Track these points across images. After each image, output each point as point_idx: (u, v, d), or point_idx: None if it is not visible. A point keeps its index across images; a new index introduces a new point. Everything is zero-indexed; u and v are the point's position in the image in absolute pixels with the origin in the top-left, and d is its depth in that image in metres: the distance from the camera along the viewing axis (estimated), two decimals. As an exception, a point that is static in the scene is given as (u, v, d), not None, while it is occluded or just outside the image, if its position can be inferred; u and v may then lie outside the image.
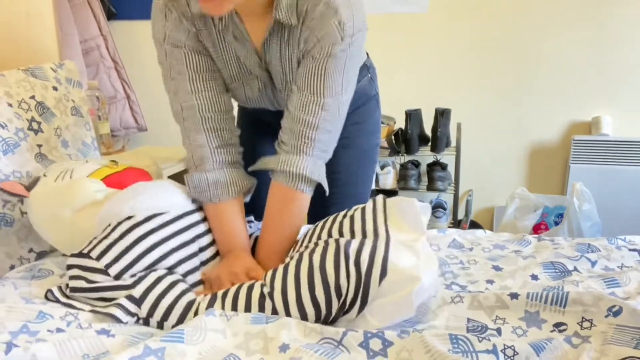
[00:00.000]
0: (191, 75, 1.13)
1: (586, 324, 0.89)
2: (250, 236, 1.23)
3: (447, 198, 2.73)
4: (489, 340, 0.81)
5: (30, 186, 1.18)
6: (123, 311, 0.94)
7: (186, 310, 0.96)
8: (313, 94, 1.09)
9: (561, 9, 2.46)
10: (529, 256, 1.18)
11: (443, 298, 0.99)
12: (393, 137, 2.53)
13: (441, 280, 1.10)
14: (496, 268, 1.14)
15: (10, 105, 1.30)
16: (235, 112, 1.25)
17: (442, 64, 2.65)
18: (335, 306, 0.93)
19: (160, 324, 0.96)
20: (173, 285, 1.00)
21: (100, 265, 0.99)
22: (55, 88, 1.44)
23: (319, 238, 1.05)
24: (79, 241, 1.07)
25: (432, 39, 2.63)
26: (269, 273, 1.00)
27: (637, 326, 0.85)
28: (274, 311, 0.94)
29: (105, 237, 1.03)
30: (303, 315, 0.93)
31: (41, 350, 0.79)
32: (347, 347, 0.83)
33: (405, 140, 2.51)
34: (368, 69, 1.35)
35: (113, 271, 0.99)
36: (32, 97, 1.36)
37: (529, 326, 0.91)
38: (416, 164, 2.67)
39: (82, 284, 0.99)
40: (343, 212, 1.11)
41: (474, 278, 1.10)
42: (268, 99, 1.25)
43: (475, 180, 2.75)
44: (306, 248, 1.03)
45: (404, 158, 2.62)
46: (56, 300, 0.98)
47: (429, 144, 2.55)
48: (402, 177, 2.54)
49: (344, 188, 1.37)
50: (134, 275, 1.00)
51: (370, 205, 1.10)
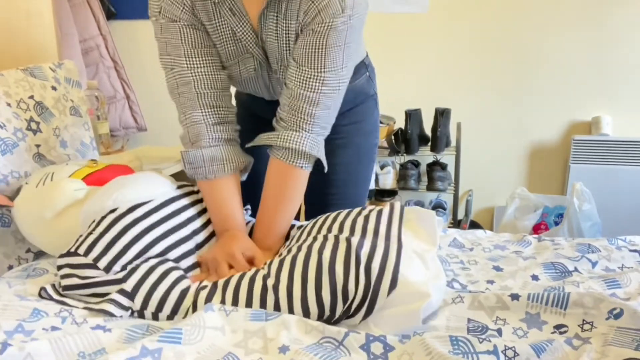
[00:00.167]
0: (187, 50, 1.12)
1: (587, 326, 0.89)
2: (247, 224, 1.21)
3: (447, 198, 2.73)
4: (490, 341, 0.80)
5: (13, 196, 1.18)
6: (116, 306, 0.94)
7: (180, 299, 0.95)
8: (313, 69, 1.08)
9: (561, 9, 2.45)
10: (530, 257, 1.18)
11: (443, 299, 0.99)
12: (393, 137, 2.53)
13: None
14: (497, 268, 1.14)
15: (8, 105, 1.29)
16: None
17: (442, 64, 2.65)
18: (340, 309, 0.92)
19: (154, 315, 0.95)
20: (165, 275, 0.99)
21: (88, 260, 0.99)
22: (54, 88, 1.44)
23: (329, 231, 1.04)
24: (66, 241, 1.06)
25: (432, 39, 2.63)
26: (275, 263, 0.99)
27: (638, 328, 0.84)
28: (276, 305, 0.93)
29: (90, 233, 1.03)
30: (306, 312, 0.92)
31: (36, 348, 0.78)
32: (348, 349, 0.83)
33: (405, 140, 2.51)
34: (367, 68, 1.34)
35: (102, 264, 0.98)
36: (31, 97, 1.36)
37: (530, 327, 0.91)
38: (416, 164, 2.66)
39: (74, 281, 0.98)
40: (357, 210, 1.10)
41: (475, 278, 1.10)
42: (263, 82, 1.24)
43: (475, 180, 2.75)
44: (315, 240, 1.02)
45: (404, 158, 2.62)
46: (49, 297, 0.97)
47: (429, 144, 2.55)
48: (402, 177, 2.54)
49: (343, 188, 1.36)
50: (125, 266, 0.99)
51: (387, 208, 1.09)
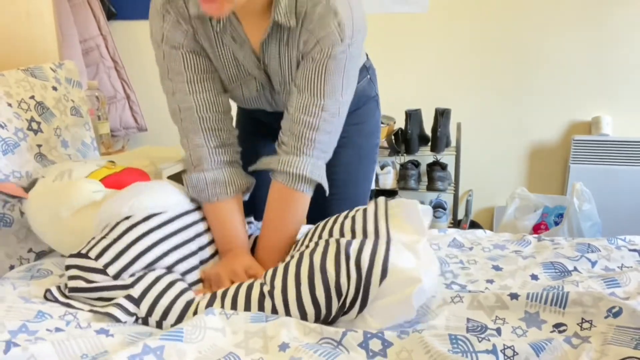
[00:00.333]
0: (189, 76, 1.13)
1: (586, 325, 0.89)
2: (250, 237, 1.23)
3: (447, 198, 2.73)
4: (489, 340, 0.81)
5: (28, 187, 1.18)
6: (122, 311, 0.94)
7: (185, 309, 0.96)
8: (313, 95, 1.09)
9: (561, 9, 2.46)
10: (529, 256, 1.18)
11: (443, 298, 0.99)
12: (393, 137, 2.53)
13: (441, 279, 1.10)
14: (496, 268, 1.14)
15: (9, 105, 1.30)
16: (234, 113, 1.25)
17: (442, 64, 2.65)
18: (335, 306, 0.93)
19: (159, 324, 0.96)
20: (172, 284, 1.00)
21: (98, 265, 0.99)
22: (54, 88, 1.44)
23: (320, 238, 1.05)
24: (78, 242, 1.06)
25: (432, 39, 2.63)
26: (269, 272, 1.00)
27: (637, 327, 0.85)
28: (274, 310, 0.94)
29: (103, 237, 1.03)
30: (303, 314, 0.93)
31: (40, 349, 0.78)
32: (347, 347, 0.83)
33: (405, 140, 2.51)
34: (367, 70, 1.34)
35: (112, 271, 0.99)
36: (32, 97, 1.36)
37: (529, 326, 0.91)
38: (416, 164, 2.67)
39: (81, 284, 0.99)
40: (344, 213, 1.11)
41: (474, 278, 1.10)
42: (266, 100, 1.25)
43: (475, 180, 2.75)
44: (307, 248, 1.03)
45: (404, 158, 2.62)
46: (55, 300, 0.98)
47: (429, 144, 2.55)
48: (402, 177, 2.54)
49: (344, 188, 1.36)
50: (133, 274, 1.00)
51: (372, 206, 1.10)
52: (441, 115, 2.46)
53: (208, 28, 1.11)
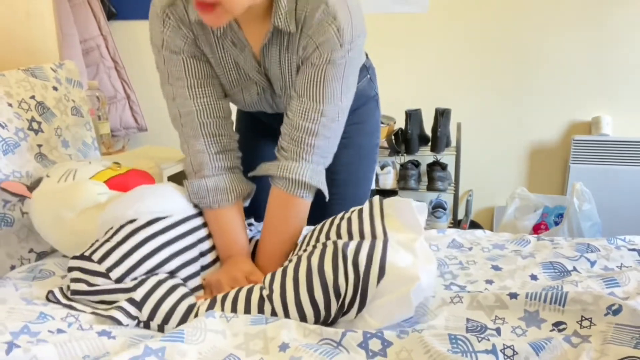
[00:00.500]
0: (189, 81, 1.13)
1: (586, 323, 0.89)
2: (250, 240, 1.23)
3: (447, 198, 2.73)
4: (489, 340, 0.81)
5: (32, 186, 1.18)
6: (124, 314, 0.94)
7: (187, 314, 0.96)
8: (312, 101, 1.09)
9: (561, 9, 2.46)
10: (528, 256, 1.18)
11: (442, 298, 0.99)
12: (393, 137, 2.53)
13: (440, 280, 1.10)
14: (495, 268, 1.14)
15: (10, 105, 1.30)
16: (234, 114, 1.25)
17: (442, 64, 2.65)
18: (334, 307, 0.93)
19: (160, 327, 0.96)
20: (174, 289, 1.00)
21: (101, 268, 0.99)
22: (55, 88, 1.44)
23: (317, 241, 1.05)
24: (81, 243, 1.07)
25: (432, 39, 2.63)
26: (268, 276, 1.00)
27: (637, 325, 0.85)
28: (273, 313, 0.94)
29: (107, 240, 1.03)
30: (302, 316, 0.93)
31: (42, 351, 0.79)
32: (347, 348, 0.83)
33: (405, 140, 2.51)
34: (367, 70, 1.34)
35: (114, 275, 0.99)
36: (32, 97, 1.36)
37: (529, 326, 0.91)
38: (416, 164, 2.67)
39: (83, 287, 0.99)
40: (340, 215, 1.11)
41: (473, 278, 1.10)
42: (267, 103, 1.25)
43: (475, 180, 2.75)
44: (304, 251, 1.03)
45: (404, 158, 2.62)
46: (57, 301, 0.98)
47: (429, 144, 2.55)
48: (402, 177, 2.54)
49: (344, 188, 1.36)
50: (135, 279, 1.00)
51: (367, 206, 1.09)
52: (441, 115, 2.46)
53: (208, 33, 1.11)
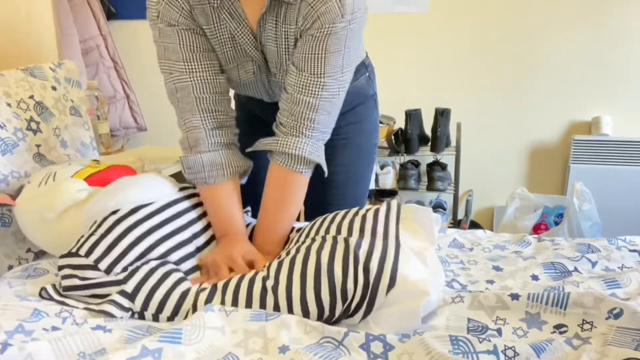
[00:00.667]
0: (185, 54, 1.11)
1: (587, 326, 0.89)
2: (247, 226, 1.21)
3: (447, 198, 2.73)
4: (490, 340, 0.80)
5: (15, 195, 1.18)
6: (117, 307, 0.94)
7: (180, 300, 0.95)
8: (313, 74, 1.08)
9: (561, 9, 2.45)
10: (530, 257, 1.18)
11: (443, 298, 0.99)
12: (393, 137, 2.53)
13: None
14: (496, 268, 1.14)
15: (8, 105, 1.29)
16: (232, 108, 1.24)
17: (442, 64, 2.65)
18: (339, 309, 0.92)
19: (155, 317, 0.95)
20: (166, 276, 0.99)
21: (89, 261, 0.99)
22: (54, 88, 1.44)
23: (327, 232, 1.04)
24: (67, 242, 1.06)
25: (432, 39, 2.63)
26: (274, 265, 0.99)
27: (638, 328, 0.84)
28: (276, 306, 0.93)
29: (92, 234, 1.03)
30: (305, 312, 0.92)
31: (37, 348, 0.78)
32: (348, 348, 0.83)
33: (405, 140, 2.51)
34: (366, 68, 1.34)
35: (103, 265, 0.98)
36: (31, 97, 1.36)
37: (530, 327, 0.91)
38: (416, 164, 2.66)
39: (75, 282, 0.98)
40: (354, 210, 1.10)
41: (474, 278, 1.10)
42: (262, 85, 1.24)
43: (475, 180, 2.75)
44: (313, 241, 1.02)
45: (404, 158, 2.62)
46: (50, 297, 0.97)
47: (429, 144, 2.55)
48: (402, 177, 2.54)
49: (342, 188, 1.36)
50: (125, 268, 0.99)
51: (384, 207, 1.09)
52: (441, 115, 2.45)
53: (205, 4, 1.10)
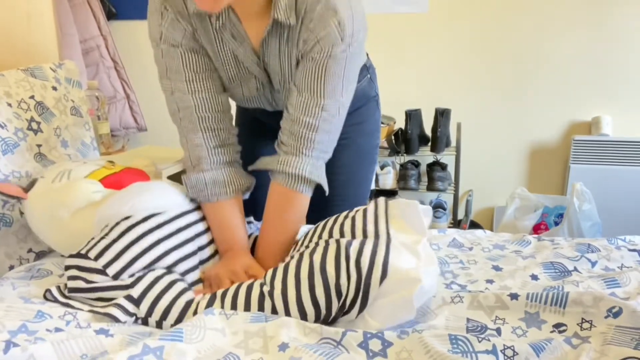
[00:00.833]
0: (188, 75, 1.12)
1: (586, 325, 0.89)
2: (249, 236, 1.22)
3: (447, 198, 2.73)
4: (489, 340, 0.81)
5: (27, 188, 1.17)
6: (122, 311, 0.94)
7: (185, 309, 0.96)
8: (313, 95, 1.09)
9: (561, 9, 2.46)
10: (529, 256, 1.18)
11: (443, 298, 0.99)
12: (393, 137, 2.53)
13: (441, 279, 1.10)
14: (496, 268, 1.14)
15: (9, 105, 1.30)
16: (232, 111, 1.25)
17: (442, 64, 2.65)
18: (335, 306, 0.93)
19: (159, 324, 0.96)
20: (172, 284, 1.00)
21: (98, 265, 0.99)
22: (54, 88, 1.44)
23: (320, 238, 1.05)
24: (77, 242, 1.06)
25: (432, 39, 2.63)
26: (269, 272, 1.00)
27: (637, 327, 0.85)
28: (274, 310, 0.94)
29: (103, 237, 1.03)
30: (303, 315, 0.93)
31: (40, 350, 0.78)
32: (347, 347, 0.83)
33: (405, 140, 2.51)
34: (368, 70, 1.34)
35: (111, 271, 0.99)
36: (32, 97, 1.36)
37: (529, 326, 0.91)
38: (416, 164, 2.66)
39: (81, 284, 0.99)
40: (344, 213, 1.11)
41: (474, 278, 1.10)
42: (266, 99, 1.25)
43: (475, 180, 2.75)
44: (306, 248, 1.03)
45: (404, 158, 2.62)
46: (55, 300, 0.98)
47: (429, 144, 2.55)
48: (402, 177, 2.54)
49: (344, 189, 1.36)
50: (132, 275, 1.00)
51: (372, 206, 1.09)
52: (441, 115, 2.46)
53: (207, 25, 1.11)
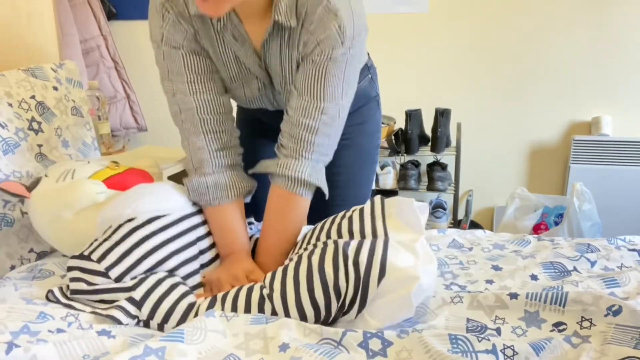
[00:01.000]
0: (189, 76, 1.12)
1: (586, 324, 0.89)
2: (250, 238, 1.23)
3: (447, 198, 2.73)
4: (489, 340, 0.81)
5: (31, 186, 1.18)
6: (124, 313, 0.94)
7: (186, 312, 0.96)
8: (313, 98, 1.09)
9: (561, 9, 2.46)
10: (529, 256, 1.18)
11: (443, 298, 0.99)
12: (393, 137, 2.53)
13: (440, 280, 1.10)
14: (496, 268, 1.14)
15: (10, 105, 1.30)
16: (234, 112, 1.25)
17: (442, 64, 2.65)
18: (334, 307, 0.93)
19: (160, 326, 0.96)
20: (173, 287, 1.00)
21: (100, 267, 0.99)
22: (55, 88, 1.44)
23: (318, 240, 1.05)
24: (80, 242, 1.07)
25: (432, 39, 2.63)
26: (269, 275, 1.00)
27: (637, 326, 0.85)
28: (274, 313, 0.94)
29: (106, 239, 1.03)
30: (302, 317, 0.93)
31: (42, 350, 0.79)
32: (347, 347, 0.83)
33: (405, 140, 2.51)
34: (369, 70, 1.34)
35: (114, 274, 0.99)
36: (33, 97, 1.36)
37: (529, 326, 0.91)
38: (416, 164, 2.67)
39: (83, 286, 0.99)
40: (341, 214, 1.11)
41: (474, 278, 1.10)
42: (267, 99, 1.25)
43: (475, 180, 2.75)
44: (305, 250, 1.03)
45: (404, 158, 2.62)
46: (57, 301, 0.98)
47: (429, 144, 2.55)
48: (402, 177, 2.54)
49: (344, 189, 1.36)
50: (135, 277, 1.00)
51: (368, 206, 1.09)
52: (441, 115, 2.46)
53: (209, 27, 1.11)
